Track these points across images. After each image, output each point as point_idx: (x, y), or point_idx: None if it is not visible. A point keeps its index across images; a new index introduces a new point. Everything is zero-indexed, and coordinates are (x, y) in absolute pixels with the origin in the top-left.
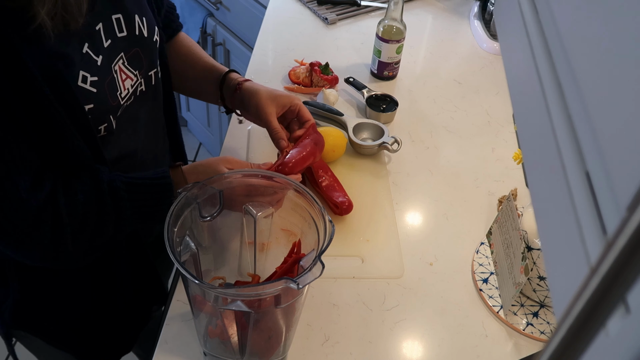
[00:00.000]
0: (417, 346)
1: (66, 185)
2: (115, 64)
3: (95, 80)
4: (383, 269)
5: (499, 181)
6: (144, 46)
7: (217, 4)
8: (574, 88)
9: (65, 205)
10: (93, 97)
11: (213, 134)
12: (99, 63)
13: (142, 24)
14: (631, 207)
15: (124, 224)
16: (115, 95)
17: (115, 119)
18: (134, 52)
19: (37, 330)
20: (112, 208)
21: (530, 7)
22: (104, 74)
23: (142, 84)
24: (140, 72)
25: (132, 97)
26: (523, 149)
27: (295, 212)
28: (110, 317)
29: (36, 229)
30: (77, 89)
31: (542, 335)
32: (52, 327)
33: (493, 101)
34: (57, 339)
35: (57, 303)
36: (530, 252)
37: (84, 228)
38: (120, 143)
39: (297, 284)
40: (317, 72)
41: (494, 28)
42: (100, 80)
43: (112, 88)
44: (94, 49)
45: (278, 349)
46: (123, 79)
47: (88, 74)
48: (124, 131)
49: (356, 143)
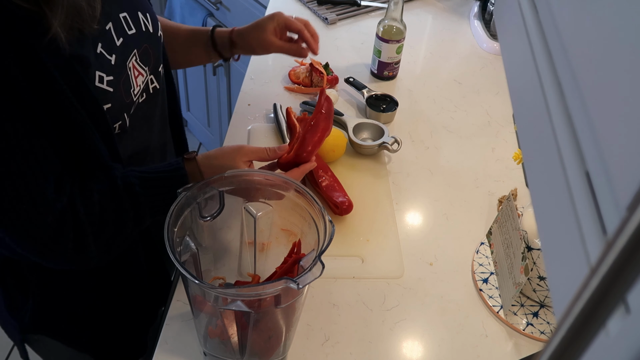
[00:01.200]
0: (417, 346)
1: (82, 186)
2: (130, 61)
3: (111, 79)
4: (383, 269)
5: (499, 181)
6: (151, 42)
7: (217, 4)
8: (574, 88)
9: (83, 205)
10: (110, 96)
11: (213, 134)
12: (113, 62)
13: (146, 21)
14: (631, 207)
15: (143, 218)
16: (129, 93)
17: (129, 117)
18: (144, 48)
19: (56, 332)
20: (129, 204)
21: (530, 7)
22: (119, 72)
23: (153, 80)
24: (150, 68)
25: (143, 95)
26: (523, 149)
27: (295, 212)
28: (126, 316)
29: (60, 232)
30: (96, 90)
31: (542, 335)
32: (71, 329)
33: (493, 101)
34: (75, 341)
35: (75, 304)
36: (530, 252)
37: (104, 227)
38: (133, 140)
39: (297, 284)
40: (317, 72)
41: (494, 28)
42: (115, 80)
43: (126, 86)
44: (107, 48)
45: (278, 349)
46: (135, 75)
47: (104, 73)
48: (137, 129)
49: (356, 143)
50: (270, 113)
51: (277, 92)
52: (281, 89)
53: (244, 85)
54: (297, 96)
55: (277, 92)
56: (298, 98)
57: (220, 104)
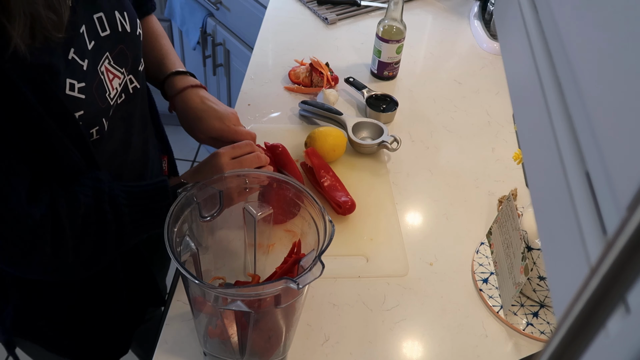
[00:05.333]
0: (417, 346)
1: (67, 197)
2: (101, 65)
3: (82, 86)
4: (388, 267)
5: (499, 181)
6: (128, 42)
7: (217, 4)
8: (574, 88)
9: (67, 217)
10: (82, 103)
11: None
12: (85, 67)
13: (123, 20)
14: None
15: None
16: (105, 97)
17: (108, 120)
18: (118, 49)
19: (36, 337)
20: (112, 217)
21: (530, 7)
22: (90, 78)
23: (133, 80)
24: (127, 69)
25: (122, 95)
26: (523, 149)
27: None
28: (107, 320)
29: (35, 245)
30: (66, 98)
31: (542, 335)
32: (50, 333)
33: (493, 101)
34: (55, 345)
35: (54, 308)
36: (530, 252)
37: (84, 240)
38: (112, 143)
39: (297, 284)
40: (317, 72)
41: (494, 28)
42: (87, 86)
43: (100, 91)
44: (79, 53)
45: (278, 349)
46: (111, 79)
47: (75, 80)
48: (117, 130)
49: (356, 142)
50: (271, 113)
51: (277, 92)
52: (281, 89)
53: (244, 85)
54: (297, 96)
55: (277, 92)
56: (298, 98)
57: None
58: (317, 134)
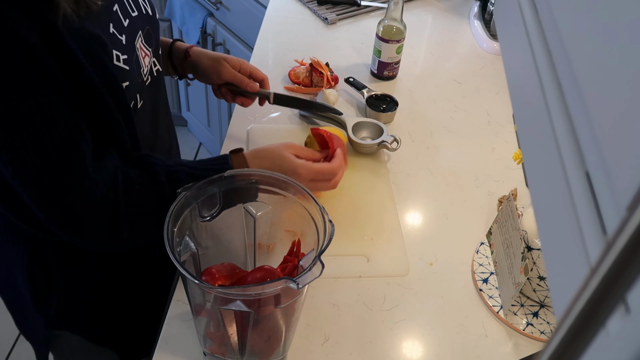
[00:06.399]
0: (417, 346)
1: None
2: (137, 42)
3: (125, 58)
4: (389, 267)
5: (499, 181)
6: (152, 24)
7: (217, 4)
8: (574, 88)
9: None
10: (127, 74)
11: (213, 134)
12: (124, 42)
13: (145, 4)
14: (631, 207)
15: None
16: (140, 73)
17: (141, 98)
18: (147, 30)
19: (79, 327)
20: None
21: (530, 7)
22: (130, 51)
23: (156, 63)
24: (152, 50)
25: (149, 77)
26: (523, 149)
27: (295, 212)
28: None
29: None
30: (115, 68)
31: (542, 335)
32: (94, 322)
33: (493, 101)
34: (97, 335)
35: (99, 297)
36: (530, 252)
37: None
38: (143, 123)
39: (296, 283)
40: (317, 72)
41: (494, 28)
42: (129, 58)
43: (137, 65)
44: (118, 28)
45: (278, 349)
46: (143, 56)
47: (119, 52)
48: (147, 110)
49: (355, 142)
50: (271, 113)
51: (277, 92)
52: (281, 88)
53: None
54: (297, 96)
55: (277, 92)
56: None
57: (220, 103)
58: None
